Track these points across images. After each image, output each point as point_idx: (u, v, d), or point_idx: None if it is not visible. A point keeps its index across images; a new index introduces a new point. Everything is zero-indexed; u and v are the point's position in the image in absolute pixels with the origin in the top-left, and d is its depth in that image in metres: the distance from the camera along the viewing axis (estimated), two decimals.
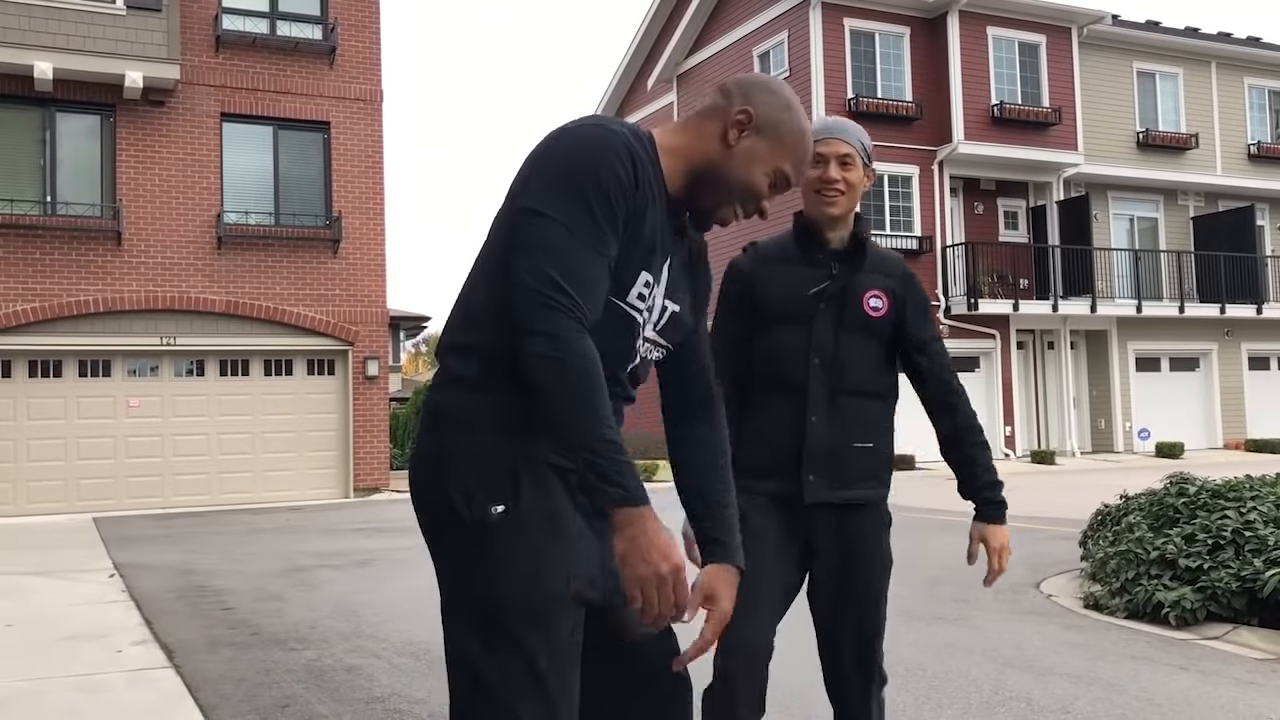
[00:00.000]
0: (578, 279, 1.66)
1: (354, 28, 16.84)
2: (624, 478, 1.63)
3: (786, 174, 1.89)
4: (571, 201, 1.69)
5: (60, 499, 14.75)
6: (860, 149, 2.58)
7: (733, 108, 1.87)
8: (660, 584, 1.64)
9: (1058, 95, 22.69)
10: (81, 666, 5.19)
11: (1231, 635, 5.40)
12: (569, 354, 1.62)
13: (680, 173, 1.87)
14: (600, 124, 1.77)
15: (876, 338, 2.60)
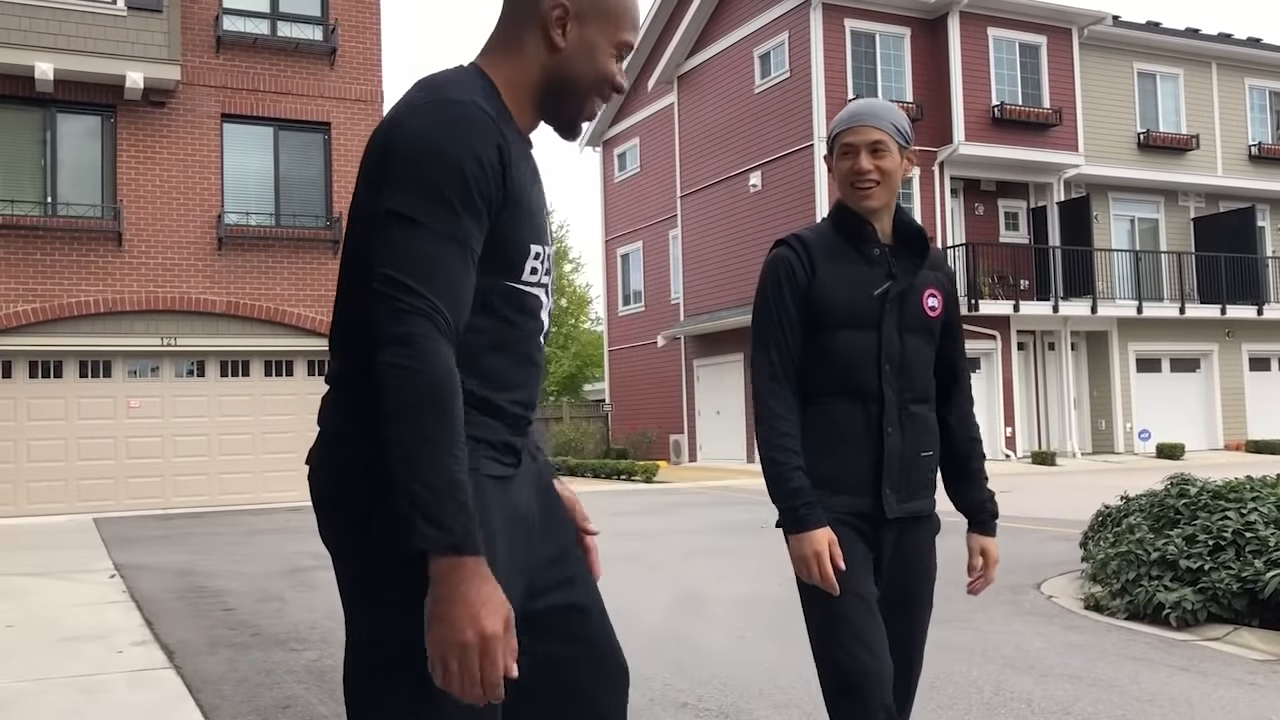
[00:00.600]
0: (435, 279, 1.49)
1: (354, 29, 16.85)
2: (454, 518, 1.40)
3: (628, 42, 1.72)
4: (430, 197, 1.51)
5: (61, 499, 14.76)
6: (895, 132, 2.39)
7: (543, 7, 1.67)
8: (462, 654, 1.39)
9: (1058, 96, 22.69)
10: (82, 667, 5.19)
11: (1232, 636, 5.39)
12: (419, 362, 1.44)
13: (525, 103, 1.70)
14: (447, 99, 1.57)
15: (932, 339, 2.46)
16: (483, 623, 1.39)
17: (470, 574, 1.40)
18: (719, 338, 23.93)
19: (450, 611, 1.39)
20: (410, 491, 1.41)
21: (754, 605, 6.50)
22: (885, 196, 2.39)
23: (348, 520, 1.58)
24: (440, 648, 1.40)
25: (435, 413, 1.43)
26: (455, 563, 1.40)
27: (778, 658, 5.14)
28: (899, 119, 2.42)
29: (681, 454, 25.31)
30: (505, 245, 1.61)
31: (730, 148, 23.69)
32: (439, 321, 1.48)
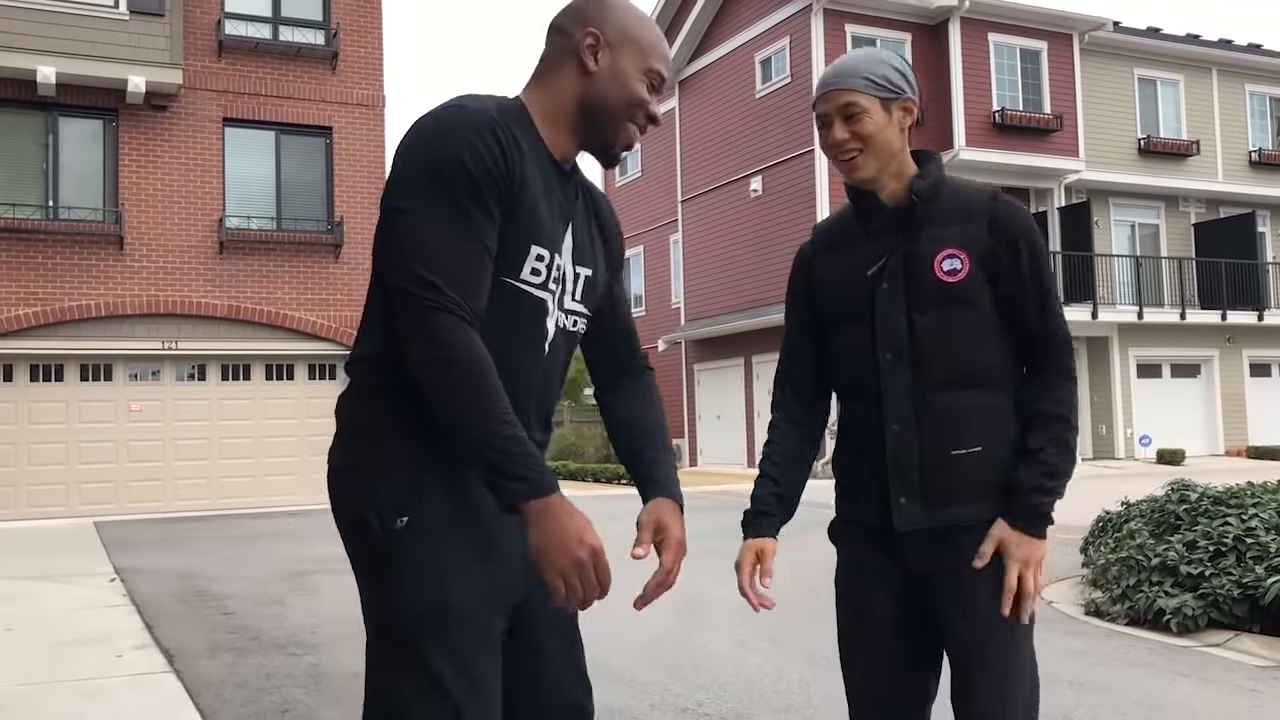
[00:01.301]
0: (450, 272, 1.59)
1: (356, 33, 16.87)
2: (526, 469, 1.56)
3: (658, 71, 1.81)
4: (432, 191, 1.61)
5: (61, 503, 14.75)
6: (871, 85, 2.05)
7: (576, 37, 1.78)
8: (581, 570, 1.58)
9: (1059, 102, 22.71)
10: (82, 671, 5.18)
11: (1233, 642, 5.39)
12: (451, 353, 1.57)
13: (563, 129, 1.79)
14: (459, 104, 1.68)
15: (966, 305, 2.03)
16: (588, 540, 1.59)
17: (559, 507, 1.59)
18: (720, 342, 23.94)
19: (558, 540, 1.57)
20: (486, 461, 1.57)
21: (754, 611, 6.49)
22: (876, 163, 2.07)
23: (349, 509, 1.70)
24: (561, 572, 1.58)
25: (478, 391, 1.57)
26: (544, 503, 1.58)
27: (778, 663, 5.14)
28: (877, 68, 2.07)
29: (682, 458, 25.31)
30: (505, 239, 1.67)
31: (731, 152, 23.71)
32: (461, 312, 1.59)
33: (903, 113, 2.09)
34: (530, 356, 1.75)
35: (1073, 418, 2.05)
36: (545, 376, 1.79)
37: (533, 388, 1.77)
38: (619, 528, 2.13)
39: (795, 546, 10.33)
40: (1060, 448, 2.02)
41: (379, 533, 1.65)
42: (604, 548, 1.61)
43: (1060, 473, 2.03)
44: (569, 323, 1.82)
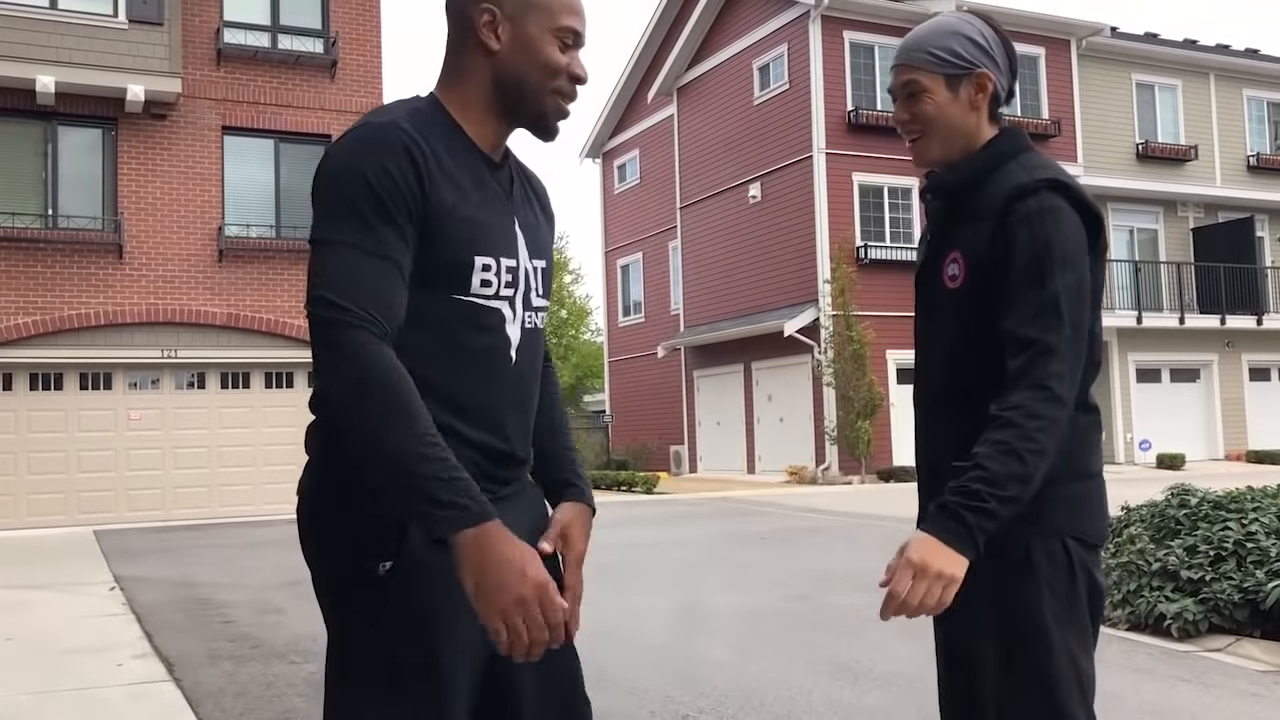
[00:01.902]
0: (360, 289, 1.49)
1: (355, 41, 16.90)
2: (457, 494, 1.42)
3: (570, 27, 1.68)
4: (339, 215, 1.53)
5: (61, 512, 14.74)
6: (933, 61, 1.91)
7: (471, 15, 1.67)
8: (525, 609, 1.42)
9: (1057, 107, 22.75)
10: (82, 680, 5.18)
11: (1234, 647, 5.38)
12: (363, 372, 1.45)
13: (486, 116, 1.70)
14: (365, 122, 1.60)
15: (959, 317, 1.90)
16: (530, 574, 1.42)
17: (497, 537, 1.43)
18: (719, 348, 23.94)
19: (495, 575, 1.41)
20: (413, 488, 1.42)
21: (756, 617, 6.49)
22: (940, 147, 1.93)
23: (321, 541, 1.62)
24: (500, 612, 1.42)
25: (399, 411, 1.44)
26: (478, 532, 1.42)
27: (779, 670, 5.13)
28: (944, 40, 1.91)
29: (682, 465, 25.29)
30: (442, 255, 1.59)
31: (730, 159, 23.74)
32: (373, 328, 1.48)
33: (974, 89, 1.91)
34: (498, 372, 1.66)
35: (1032, 428, 1.73)
36: (519, 387, 1.70)
37: (508, 403, 1.68)
38: (620, 535, 2.12)
39: (795, 551, 10.34)
40: (1005, 456, 1.73)
41: (359, 577, 1.55)
42: (552, 583, 1.44)
43: (998, 483, 1.72)
44: (536, 320, 1.74)
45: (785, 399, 22.06)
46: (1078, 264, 1.82)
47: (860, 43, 21.60)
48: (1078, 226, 1.85)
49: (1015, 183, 1.85)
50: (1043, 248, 1.80)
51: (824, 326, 20.40)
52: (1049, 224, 1.81)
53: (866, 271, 20.59)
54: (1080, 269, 1.83)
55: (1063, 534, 1.86)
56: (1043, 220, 1.82)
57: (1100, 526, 1.95)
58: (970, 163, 1.93)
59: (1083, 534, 1.89)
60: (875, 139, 21.00)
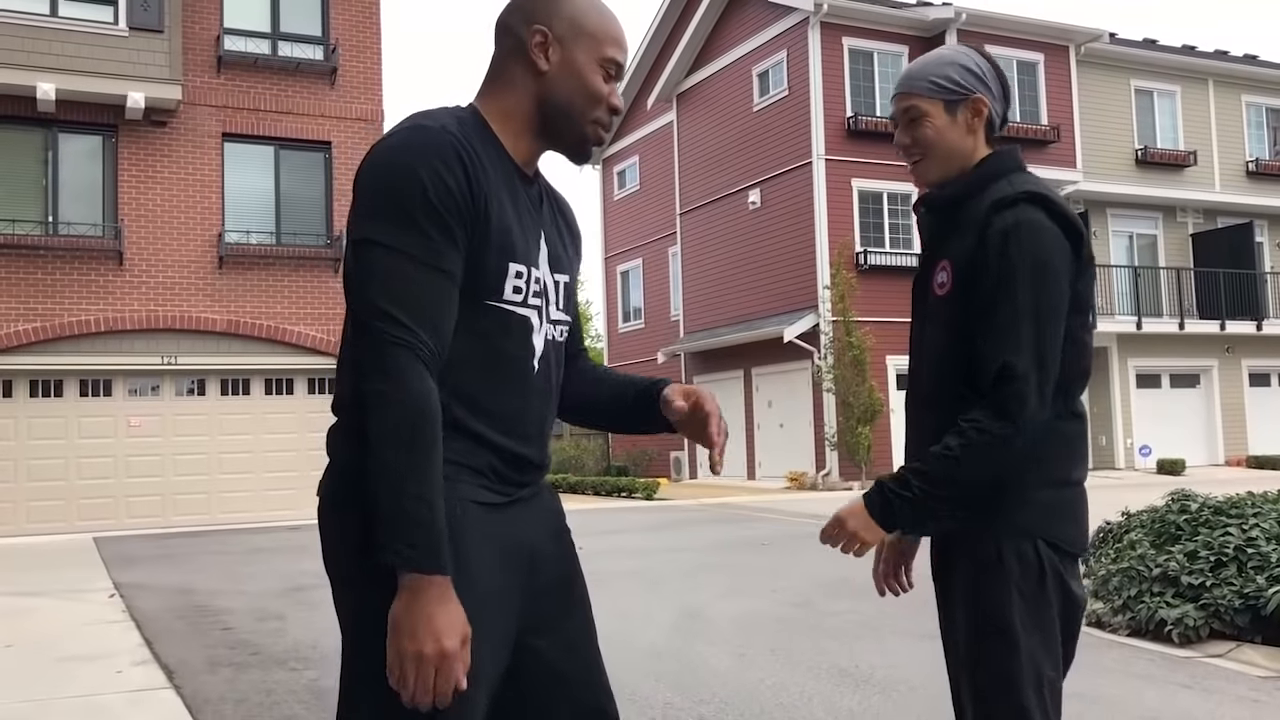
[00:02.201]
0: (415, 306, 1.53)
1: (355, 48, 16.92)
2: (420, 538, 1.47)
3: (614, 59, 1.73)
4: (395, 220, 1.55)
5: (60, 519, 14.73)
6: (932, 89, 2.04)
7: (524, 35, 1.71)
8: (419, 664, 1.47)
9: (1056, 113, 22.78)
10: (81, 687, 5.17)
11: (1235, 653, 5.38)
12: (400, 393, 1.50)
13: (524, 133, 1.73)
14: (416, 124, 1.62)
15: (947, 326, 1.99)
16: (442, 640, 1.47)
17: (435, 592, 1.48)
18: (719, 354, 23.94)
19: (412, 625, 1.48)
20: (385, 512, 1.48)
21: (756, 623, 6.48)
22: (940, 168, 2.06)
23: (343, 546, 1.63)
24: (399, 657, 1.49)
25: (411, 439, 1.49)
26: (422, 580, 1.48)
27: (780, 676, 5.13)
28: (942, 69, 2.04)
29: (682, 471, 25.28)
30: (481, 262, 1.62)
31: (729, 165, 23.76)
32: (420, 350, 1.53)
33: (971, 113, 2.05)
34: (523, 379, 1.70)
35: (979, 442, 1.84)
36: (542, 394, 1.75)
37: (531, 409, 1.72)
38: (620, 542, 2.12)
39: (796, 557, 10.33)
40: (945, 460, 1.87)
41: (378, 578, 1.55)
42: (461, 659, 1.49)
43: (930, 479, 1.88)
44: (557, 333, 1.78)
45: (785, 405, 22.05)
46: (1052, 278, 1.89)
47: (859, 49, 21.64)
48: (1057, 238, 1.92)
49: (998, 195, 1.95)
50: (1014, 262, 1.88)
51: (824, 332, 20.41)
52: (1024, 237, 1.89)
53: (866, 277, 20.59)
54: (1055, 282, 1.90)
55: (1034, 536, 1.94)
56: (1018, 233, 1.89)
57: (1077, 535, 2.00)
58: (962, 179, 2.04)
59: (1056, 539, 1.95)
60: (874, 145, 21.02)
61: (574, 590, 1.84)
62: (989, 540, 1.94)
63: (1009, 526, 1.93)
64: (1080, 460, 2.01)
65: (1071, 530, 1.98)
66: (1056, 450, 1.95)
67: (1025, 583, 1.92)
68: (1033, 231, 1.90)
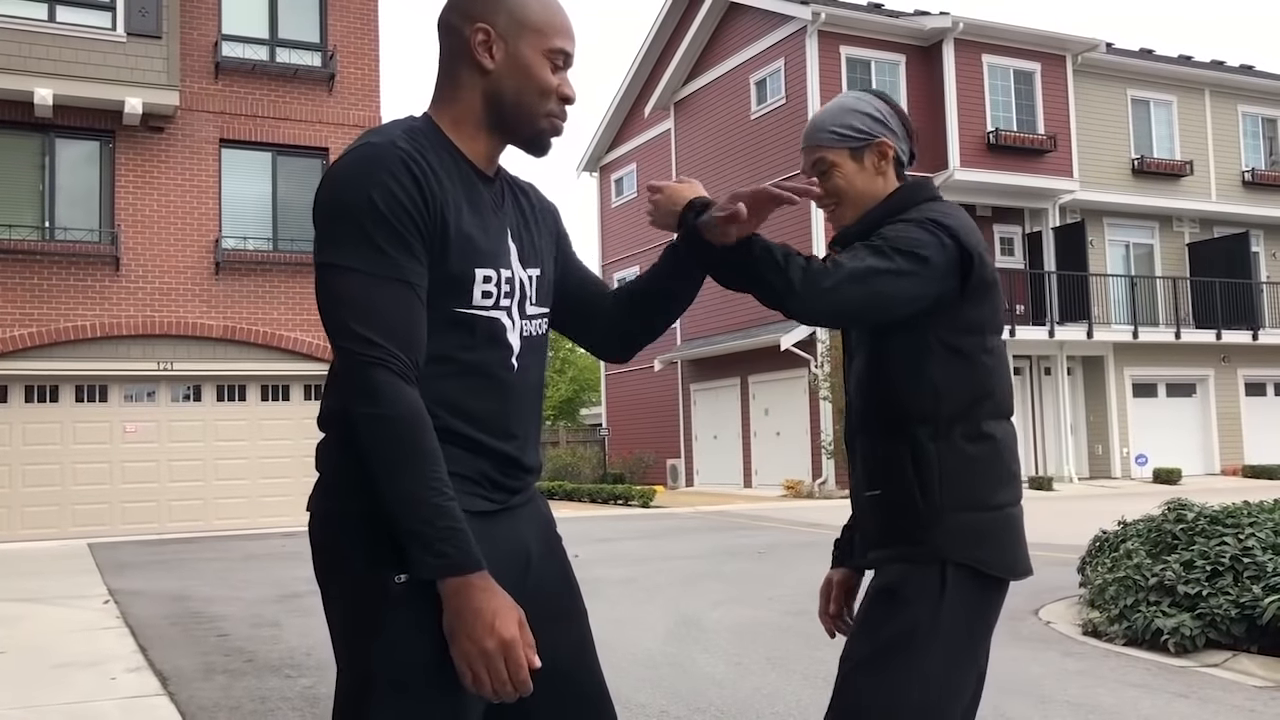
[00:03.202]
0: (382, 322, 1.54)
1: (353, 55, 16.94)
2: (447, 544, 1.50)
3: (561, 49, 1.72)
4: (352, 241, 1.56)
5: (55, 524, 14.69)
6: (836, 139, 2.09)
7: (466, 34, 1.70)
8: (487, 660, 1.50)
9: (1053, 122, 22.83)
10: (74, 694, 5.15)
11: (1231, 662, 5.37)
12: (386, 409, 1.51)
13: (477, 134, 1.73)
14: (364, 142, 1.63)
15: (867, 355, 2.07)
16: (499, 630, 1.51)
17: (478, 589, 1.51)
18: (716, 362, 23.95)
19: (469, 626, 1.50)
20: (408, 530, 1.51)
21: (751, 632, 6.47)
22: (853, 212, 2.12)
23: (337, 559, 1.64)
24: (467, 659, 1.52)
25: (410, 452, 1.52)
26: (462, 582, 1.51)
27: (775, 685, 5.12)
28: (843, 118, 2.10)
29: (679, 478, 25.27)
30: (445, 271, 1.63)
31: (727, 173, 23.79)
32: (395, 365, 1.54)
33: (877, 156, 2.10)
34: (503, 380, 1.70)
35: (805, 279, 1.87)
36: (523, 393, 1.74)
37: (514, 410, 1.72)
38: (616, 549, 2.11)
39: (792, 565, 10.31)
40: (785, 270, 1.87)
41: (375, 589, 1.57)
42: (522, 640, 1.53)
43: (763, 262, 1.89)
44: (534, 328, 1.78)
45: (782, 413, 22.06)
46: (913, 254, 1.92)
47: (856, 58, 21.68)
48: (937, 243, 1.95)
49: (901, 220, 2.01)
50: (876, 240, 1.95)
51: (820, 340, 20.42)
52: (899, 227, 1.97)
53: None
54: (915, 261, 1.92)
55: (944, 560, 1.93)
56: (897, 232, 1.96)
57: (1002, 558, 1.98)
58: (873, 213, 2.08)
59: (977, 562, 1.94)
60: None
61: (569, 598, 1.84)
62: (895, 562, 1.97)
63: (920, 551, 1.94)
64: (1000, 483, 2.00)
65: (993, 554, 1.96)
66: (965, 473, 1.96)
67: (923, 608, 1.91)
68: (906, 226, 1.98)
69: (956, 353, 1.98)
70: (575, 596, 1.85)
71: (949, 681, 1.93)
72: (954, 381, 1.97)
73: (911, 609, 1.92)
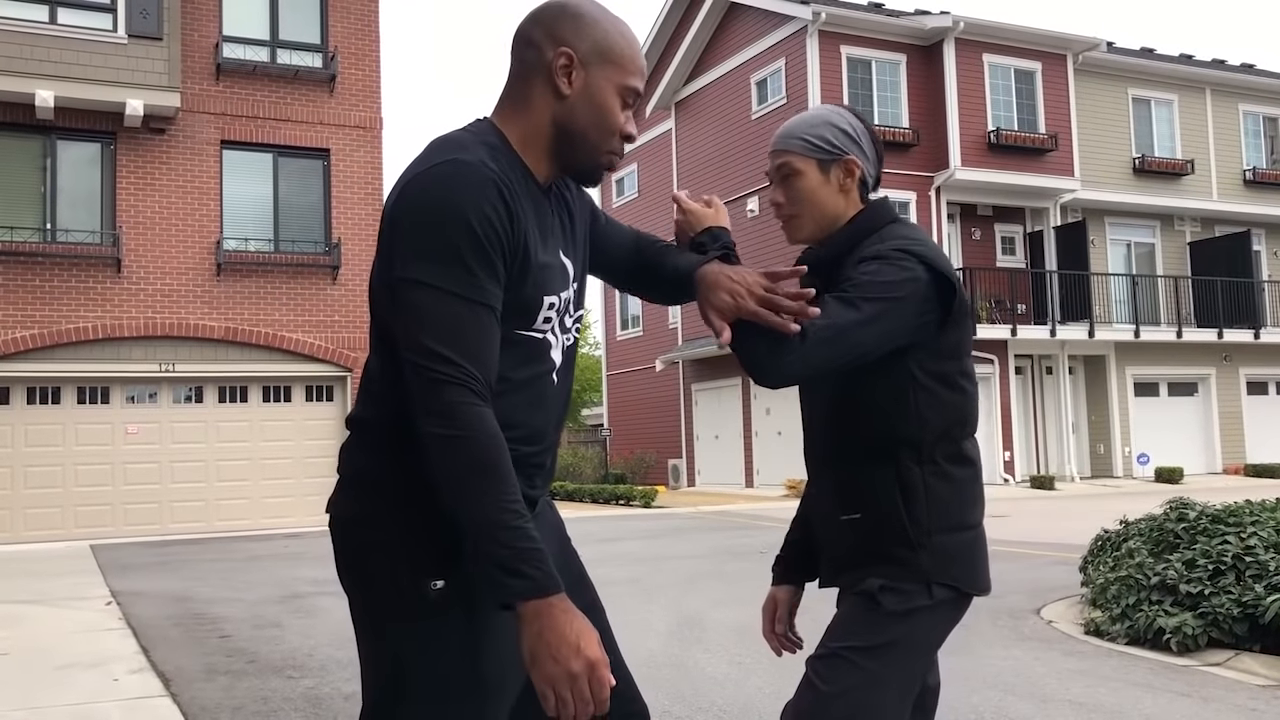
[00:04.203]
0: (463, 343, 1.54)
1: (354, 56, 16.95)
2: (528, 565, 1.48)
3: (634, 88, 1.72)
4: (444, 260, 1.55)
5: (57, 526, 14.70)
6: (806, 147, 2.05)
7: (549, 56, 1.68)
8: (573, 683, 1.49)
9: (1054, 121, 22.82)
10: (77, 695, 5.16)
11: (1233, 661, 5.37)
12: (461, 430, 1.50)
13: (541, 153, 1.71)
14: (454, 159, 1.60)
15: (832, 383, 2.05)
16: (585, 651, 1.49)
17: (560, 611, 1.50)
18: (717, 362, 23.95)
19: (553, 648, 1.49)
20: (488, 553, 1.49)
21: (753, 631, 6.47)
22: (812, 226, 2.07)
23: (364, 563, 1.64)
24: (550, 681, 1.49)
25: (486, 473, 1.50)
26: (544, 604, 1.49)
27: (777, 684, 5.12)
28: (816, 129, 2.06)
29: (680, 478, 25.27)
30: (519, 297, 1.64)
31: (728, 173, 23.80)
32: (474, 386, 1.53)
33: (843, 173, 2.06)
34: (545, 395, 1.73)
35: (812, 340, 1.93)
36: (556, 403, 1.78)
37: (549, 422, 1.75)
38: (618, 549, 2.11)
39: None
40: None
41: (410, 596, 1.58)
42: (605, 660, 1.52)
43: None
44: (569, 338, 1.79)
45: (783, 413, 22.05)
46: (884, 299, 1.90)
47: (857, 57, 21.68)
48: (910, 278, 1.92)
49: (868, 251, 1.98)
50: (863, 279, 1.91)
51: None
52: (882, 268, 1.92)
53: None
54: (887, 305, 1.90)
55: (929, 581, 1.96)
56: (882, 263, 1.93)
57: (975, 577, 2.03)
58: (839, 236, 2.05)
59: (954, 581, 1.99)
60: None
61: (585, 595, 1.86)
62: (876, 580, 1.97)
63: (905, 572, 1.96)
64: (975, 503, 2.04)
65: (968, 573, 2.00)
66: (950, 496, 1.98)
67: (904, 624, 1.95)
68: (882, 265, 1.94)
69: (938, 379, 1.98)
70: (591, 593, 1.88)
71: (909, 689, 1.99)
72: (936, 408, 1.98)
73: (894, 623, 1.94)
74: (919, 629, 1.96)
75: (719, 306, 1.85)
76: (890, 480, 1.97)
